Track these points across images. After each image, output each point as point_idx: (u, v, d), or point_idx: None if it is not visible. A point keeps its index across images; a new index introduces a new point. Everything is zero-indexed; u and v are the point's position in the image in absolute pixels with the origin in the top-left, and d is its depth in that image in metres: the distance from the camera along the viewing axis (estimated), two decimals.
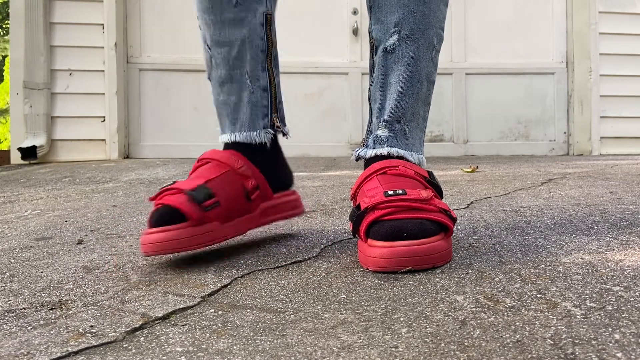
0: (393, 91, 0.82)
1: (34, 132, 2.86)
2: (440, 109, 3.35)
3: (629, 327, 0.46)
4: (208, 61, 0.86)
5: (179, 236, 0.69)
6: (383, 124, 0.82)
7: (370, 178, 0.75)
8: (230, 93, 0.85)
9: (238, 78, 0.84)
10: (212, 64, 0.85)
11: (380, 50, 0.82)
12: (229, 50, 0.83)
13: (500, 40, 3.38)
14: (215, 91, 0.87)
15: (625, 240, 0.78)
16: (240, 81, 0.84)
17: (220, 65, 0.84)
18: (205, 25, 0.84)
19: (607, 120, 3.34)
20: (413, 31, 0.81)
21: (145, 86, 3.14)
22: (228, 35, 0.83)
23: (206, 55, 0.86)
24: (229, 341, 0.46)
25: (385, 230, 0.64)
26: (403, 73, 0.81)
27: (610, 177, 1.69)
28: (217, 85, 0.86)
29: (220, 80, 0.85)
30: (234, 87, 0.85)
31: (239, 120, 0.85)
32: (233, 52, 0.83)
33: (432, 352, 0.43)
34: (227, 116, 0.86)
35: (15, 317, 0.54)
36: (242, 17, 0.82)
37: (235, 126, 0.85)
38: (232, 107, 0.86)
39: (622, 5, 3.32)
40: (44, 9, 2.88)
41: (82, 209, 1.30)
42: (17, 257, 0.82)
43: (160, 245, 0.69)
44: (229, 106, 0.86)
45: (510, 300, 0.53)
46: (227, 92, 0.85)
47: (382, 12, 0.82)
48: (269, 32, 0.85)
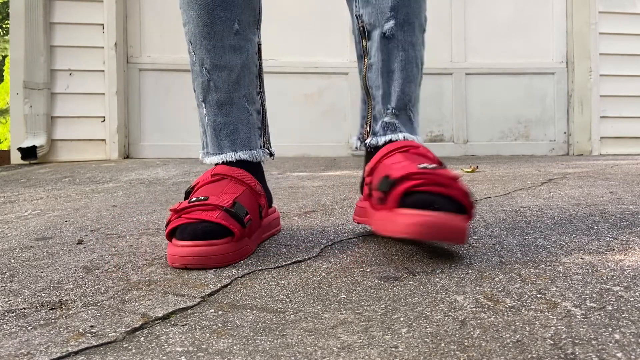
0: (396, 77, 0.84)
1: (34, 132, 2.86)
2: (440, 109, 3.35)
3: (629, 327, 0.46)
4: (205, 85, 0.87)
5: (224, 251, 0.71)
6: (391, 111, 0.84)
7: (392, 154, 0.78)
8: (230, 115, 0.87)
9: (237, 101, 0.87)
10: (209, 87, 0.87)
11: (377, 34, 0.83)
12: (229, 74, 0.86)
13: (500, 40, 3.38)
14: (211, 113, 0.87)
15: (625, 240, 0.78)
16: (239, 104, 0.87)
17: (220, 88, 0.86)
18: (205, 50, 0.86)
19: (607, 120, 3.34)
20: (409, 15, 0.83)
21: (145, 86, 3.14)
22: (229, 60, 0.86)
23: (202, 80, 0.87)
24: (229, 341, 0.46)
25: (421, 200, 0.66)
26: (404, 59, 0.83)
27: (610, 177, 1.69)
28: (215, 107, 0.87)
29: (219, 102, 0.87)
30: (234, 109, 0.87)
31: (239, 140, 0.87)
32: (233, 76, 0.86)
33: (432, 352, 0.43)
34: (227, 136, 0.87)
35: (15, 317, 0.54)
36: (242, 44, 0.87)
37: (236, 145, 0.87)
38: (232, 127, 0.87)
39: (622, 5, 3.32)
40: (44, 9, 2.87)
41: (82, 209, 1.30)
42: (17, 257, 0.82)
43: (206, 259, 0.70)
44: (228, 127, 0.87)
45: (510, 300, 0.53)
46: (227, 114, 0.87)
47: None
48: (260, 61, 0.92)
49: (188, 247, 0.70)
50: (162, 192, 1.62)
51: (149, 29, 3.15)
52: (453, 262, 0.69)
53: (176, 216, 0.74)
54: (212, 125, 0.88)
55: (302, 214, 1.14)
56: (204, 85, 0.87)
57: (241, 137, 0.88)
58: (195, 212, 0.73)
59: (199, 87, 0.88)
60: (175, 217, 0.74)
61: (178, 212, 0.74)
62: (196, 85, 0.88)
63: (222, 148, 0.87)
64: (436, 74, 3.34)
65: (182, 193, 1.56)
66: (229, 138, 0.87)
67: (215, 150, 0.87)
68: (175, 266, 0.71)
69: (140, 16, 3.15)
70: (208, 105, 0.87)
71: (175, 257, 0.71)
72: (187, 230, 0.72)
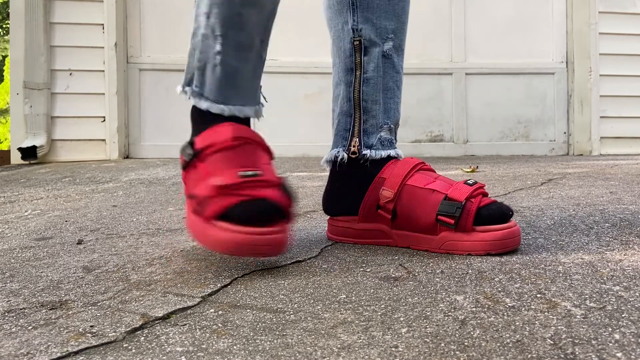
0: (393, 95, 0.87)
1: (34, 132, 2.85)
2: (440, 109, 3.35)
3: (629, 327, 0.46)
4: (230, 18, 0.73)
5: (286, 238, 0.67)
6: (388, 126, 0.85)
7: (413, 174, 0.79)
8: (247, 61, 0.76)
9: (257, 46, 0.77)
10: (235, 22, 0.73)
11: (377, 52, 0.85)
12: (259, 12, 0.76)
13: (500, 40, 3.38)
14: (228, 54, 0.74)
15: (625, 240, 0.78)
16: (257, 50, 0.77)
17: (246, 27, 0.75)
18: None
19: (607, 120, 3.34)
20: (402, 42, 0.89)
21: (145, 86, 3.14)
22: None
23: (228, 11, 0.73)
24: (229, 341, 0.46)
25: (499, 213, 0.73)
26: (398, 80, 0.88)
27: (610, 177, 1.69)
28: (233, 48, 0.74)
29: (240, 44, 0.75)
30: (251, 56, 0.77)
31: (248, 92, 0.78)
32: (262, 16, 0.76)
33: (432, 352, 0.43)
34: (235, 86, 0.76)
35: (15, 317, 0.54)
36: None
37: (243, 98, 0.77)
38: (244, 76, 0.77)
39: (622, 5, 3.32)
40: (44, 9, 2.87)
41: (82, 209, 1.30)
42: (17, 257, 0.82)
43: (276, 247, 0.65)
44: (241, 75, 0.76)
45: (510, 300, 0.53)
46: (244, 60, 0.76)
47: (373, 14, 0.84)
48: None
49: (266, 234, 0.63)
50: (162, 192, 1.62)
51: (149, 29, 3.15)
52: (453, 262, 0.69)
53: (227, 192, 0.64)
54: (223, 67, 0.74)
55: (302, 214, 1.14)
56: (228, 19, 0.73)
57: (250, 89, 0.78)
58: (256, 189, 0.65)
59: (218, 18, 0.73)
60: (225, 193, 0.64)
61: (228, 188, 0.64)
62: (215, 14, 0.73)
63: (228, 98, 0.75)
64: (436, 74, 3.34)
65: (182, 193, 1.56)
66: (238, 88, 0.76)
67: (217, 97, 0.75)
68: (230, 253, 0.64)
69: (140, 16, 3.14)
70: (226, 44, 0.74)
71: (256, 245, 0.63)
72: (251, 209, 0.64)
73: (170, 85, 3.14)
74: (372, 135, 0.84)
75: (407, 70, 3.33)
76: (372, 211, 0.80)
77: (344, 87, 0.87)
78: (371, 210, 0.80)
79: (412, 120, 3.33)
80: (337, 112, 0.88)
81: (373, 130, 0.84)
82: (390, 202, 0.77)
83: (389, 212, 0.78)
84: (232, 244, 0.63)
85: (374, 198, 0.79)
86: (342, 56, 0.87)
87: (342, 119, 0.87)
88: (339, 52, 0.88)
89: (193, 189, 0.69)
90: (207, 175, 0.67)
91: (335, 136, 0.88)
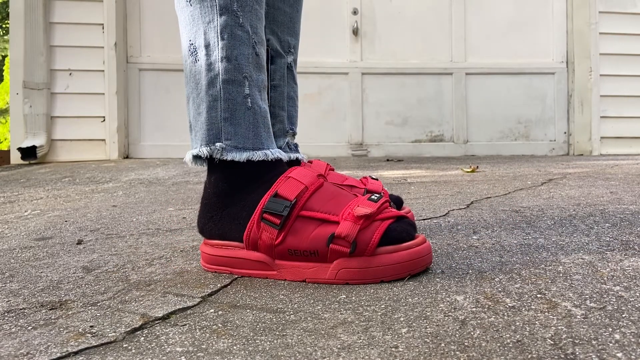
0: (295, 105, 0.93)
1: (33, 132, 2.85)
2: (440, 109, 3.35)
3: (629, 327, 0.46)
4: (252, 57, 0.71)
5: None
6: (292, 132, 0.92)
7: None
8: (266, 101, 0.75)
9: (281, 84, 0.86)
10: (257, 62, 0.72)
11: (282, 62, 0.90)
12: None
13: (500, 40, 3.38)
14: (255, 95, 0.71)
15: (625, 240, 0.78)
16: (283, 88, 0.87)
17: (264, 66, 0.74)
18: (257, 18, 0.72)
19: (607, 120, 3.34)
20: (297, 58, 0.95)
21: (145, 86, 3.14)
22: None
23: (249, 50, 0.70)
24: (229, 341, 0.46)
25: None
26: (296, 91, 0.94)
27: (611, 177, 1.69)
28: (259, 90, 0.72)
29: (263, 84, 0.73)
30: (277, 94, 0.86)
31: (276, 134, 0.84)
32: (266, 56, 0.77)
33: (432, 352, 0.43)
34: (268, 128, 0.73)
35: (15, 317, 0.54)
36: None
37: (274, 140, 0.75)
38: (270, 117, 0.79)
39: (622, 5, 3.32)
40: (43, 9, 2.87)
41: (82, 209, 1.30)
42: (17, 257, 0.82)
43: (431, 255, 0.67)
44: (268, 116, 0.75)
45: (510, 300, 0.53)
46: (265, 100, 0.74)
47: (278, 28, 0.89)
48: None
49: (419, 245, 0.63)
50: (162, 192, 1.62)
51: (149, 28, 3.15)
52: (453, 262, 0.69)
53: (373, 219, 0.63)
54: (254, 110, 0.70)
55: None
56: (250, 58, 0.70)
57: (279, 130, 0.83)
58: (388, 210, 0.65)
59: (241, 59, 0.69)
60: (373, 221, 0.63)
61: (373, 215, 0.63)
62: (237, 56, 0.69)
63: (263, 142, 0.70)
64: (436, 74, 3.34)
65: (182, 193, 1.56)
66: (268, 129, 0.72)
67: (254, 144, 0.69)
68: (401, 275, 0.62)
69: (140, 16, 3.14)
70: (252, 85, 0.70)
71: (412, 259, 0.62)
72: (411, 226, 0.65)
73: (170, 85, 3.14)
74: (279, 139, 0.88)
75: (407, 70, 3.35)
76: None
77: None
78: None
79: (412, 120, 3.33)
80: None
81: (280, 134, 0.89)
82: None
83: None
84: (407, 263, 0.62)
85: None
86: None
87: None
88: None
89: (320, 236, 0.63)
90: (330, 217, 0.64)
91: None
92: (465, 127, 3.36)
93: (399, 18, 3.30)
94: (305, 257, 0.63)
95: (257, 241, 0.65)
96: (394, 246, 0.62)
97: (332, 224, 0.63)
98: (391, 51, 3.31)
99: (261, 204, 0.65)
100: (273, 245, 0.64)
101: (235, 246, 0.67)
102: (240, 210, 0.67)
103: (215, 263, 0.68)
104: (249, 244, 0.66)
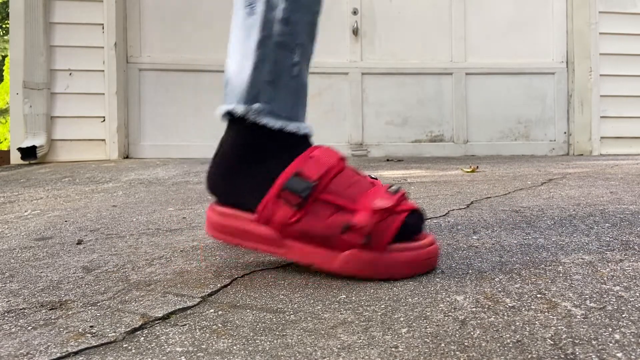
0: None
1: (33, 132, 2.85)
2: (440, 109, 3.35)
3: (629, 327, 0.46)
4: (310, 29, 0.69)
5: None
6: None
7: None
8: (306, 76, 0.71)
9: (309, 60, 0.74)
10: (312, 34, 0.70)
11: None
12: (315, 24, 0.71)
13: (500, 40, 3.38)
14: (305, 67, 0.69)
15: (625, 240, 0.78)
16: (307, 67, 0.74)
17: (315, 37, 0.71)
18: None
19: (607, 120, 3.34)
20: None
21: (145, 86, 3.14)
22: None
23: (310, 18, 0.69)
24: (229, 341, 0.46)
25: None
26: None
27: (611, 177, 1.69)
28: (307, 61, 0.70)
29: (309, 56, 0.70)
30: (305, 70, 0.72)
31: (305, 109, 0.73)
32: (315, 27, 0.72)
33: (432, 352, 0.43)
34: (303, 103, 0.70)
35: (15, 317, 0.54)
36: None
37: (304, 115, 0.72)
38: (305, 92, 0.72)
39: (622, 5, 3.32)
40: (43, 9, 2.87)
41: (82, 209, 1.30)
42: (17, 257, 0.82)
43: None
44: (305, 90, 0.71)
45: (510, 300, 0.53)
46: (305, 75, 0.71)
47: None
48: None
49: (431, 244, 0.64)
50: (162, 192, 1.62)
51: (149, 29, 3.15)
52: (453, 262, 0.69)
53: (391, 213, 0.62)
54: (298, 80, 0.68)
55: None
56: (308, 27, 0.68)
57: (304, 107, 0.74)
58: (405, 202, 0.64)
59: (299, 25, 0.67)
60: (390, 214, 0.62)
61: (391, 208, 0.62)
62: (296, 21, 0.66)
63: (299, 115, 0.68)
64: (436, 74, 3.34)
65: (181, 193, 1.56)
66: (304, 104, 0.70)
67: (290, 114, 0.67)
68: (412, 274, 0.62)
69: (140, 16, 3.14)
70: (302, 54, 0.68)
71: (425, 258, 0.63)
72: (422, 220, 0.65)
73: (170, 85, 3.14)
74: None
75: (407, 70, 3.35)
76: None
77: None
78: None
79: (412, 120, 3.33)
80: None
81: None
82: None
83: None
84: (417, 263, 0.62)
85: None
86: None
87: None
88: None
89: (336, 223, 0.61)
90: (348, 205, 0.62)
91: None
92: (465, 127, 3.36)
93: (399, 18, 3.30)
94: (316, 242, 0.62)
95: (271, 216, 0.63)
96: (406, 244, 0.62)
97: (350, 212, 0.61)
98: (391, 51, 3.31)
99: (281, 180, 0.62)
100: (286, 224, 0.62)
101: (245, 217, 0.65)
102: (259, 179, 0.64)
103: (223, 231, 0.67)
104: (262, 217, 0.63)
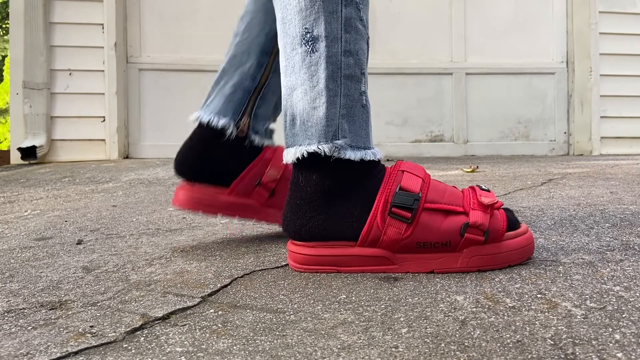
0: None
1: (33, 132, 2.85)
2: (440, 109, 3.35)
3: (629, 327, 0.46)
4: (364, 54, 0.69)
5: None
6: (273, 118, 0.91)
7: None
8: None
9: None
10: (365, 59, 0.69)
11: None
12: None
13: (500, 40, 3.38)
14: (367, 93, 0.70)
15: (625, 240, 0.78)
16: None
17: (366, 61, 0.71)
18: (365, 14, 0.69)
19: (607, 120, 3.34)
20: None
21: (145, 86, 3.14)
22: None
23: (364, 46, 0.69)
24: (229, 341, 0.46)
25: None
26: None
27: (611, 177, 1.69)
28: (366, 88, 0.70)
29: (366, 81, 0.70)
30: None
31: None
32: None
33: (432, 352, 0.43)
34: (370, 128, 0.70)
35: (15, 317, 0.54)
36: None
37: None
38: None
39: (622, 5, 3.32)
40: (43, 9, 2.87)
41: (82, 209, 1.30)
42: (17, 257, 0.82)
43: None
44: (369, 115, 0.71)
45: (511, 300, 0.53)
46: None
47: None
48: None
49: (528, 231, 0.68)
50: (162, 192, 1.62)
51: (149, 29, 3.15)
52: None
53: (496, 205, 0.66)
54: (366, 108, 0.69)
55: None
56: (366, 54, 0.69)
57: (263, 112, 0.84)
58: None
59: (361, 55, 0.67)
60: (489, 211, 0.65)
61: (490, 205, 0.66)
62: (357, 51, 0.67)
63: (370, 141, 0.69)
64: (436, 74, 3.34)
65: None
66: (371, 128, 0.70)
67: (366, 143, 0.68)
68: (526, 257, 0.67)
69: (140, 16, 3.14)
70: (365, 82, 0.69)
71: (532, 242, 0.67)
72: (512, 215, 0.68)
73: (170, 85, 3.14)
74: (261, 122, 0.86)
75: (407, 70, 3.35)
76: (248, 186, 0.83)
77: (255, 63, 0.84)
78: (248, 185, 0.83)
79: (412, 120, 3.33)
80: (234, 80, 0.85)
81: (264, 118, 0.86)
82: (273, 182, 0.83)
83: (268, 190, 0.83)
84: (527, 247, 0.67)
85: (256, 174, 0.83)
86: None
87: (238, 91, 0.84)
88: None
89: (452, 227, 0.64)
90: (455, 208, 0.65)
91: (224, 99, 0.84)
92: (465, 127, 3.36)
93: (399, 18, 3.30)
94: (435, 249, 0.64)
95: (380, 237, 0.64)
96: (515, 231, 0.66)
97: (459, 214, 0.65)
98: (391, 51, 3.31)
99: (382, 200, 0.64)
100: (400, 240, 0.64)
101: (344, 245, 0.66)
102: (351, 208, 0.66)
103: (318, 263, 0.67)
104: (367, 240, 0.65)
